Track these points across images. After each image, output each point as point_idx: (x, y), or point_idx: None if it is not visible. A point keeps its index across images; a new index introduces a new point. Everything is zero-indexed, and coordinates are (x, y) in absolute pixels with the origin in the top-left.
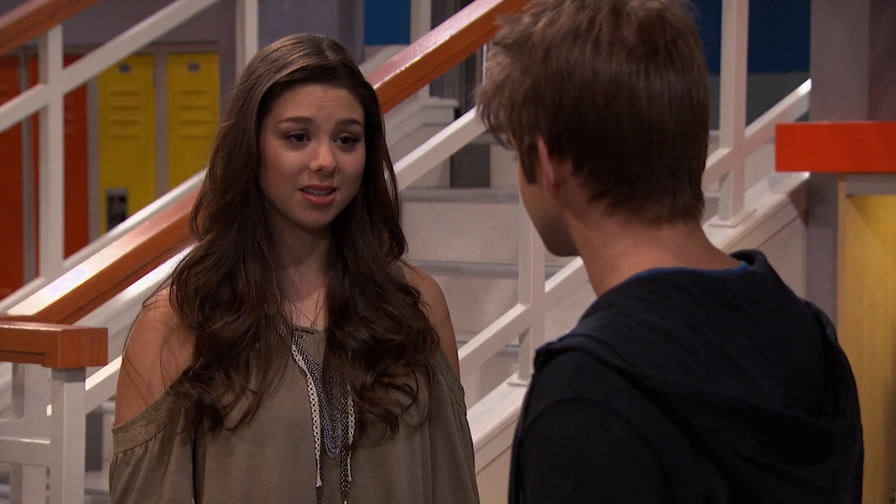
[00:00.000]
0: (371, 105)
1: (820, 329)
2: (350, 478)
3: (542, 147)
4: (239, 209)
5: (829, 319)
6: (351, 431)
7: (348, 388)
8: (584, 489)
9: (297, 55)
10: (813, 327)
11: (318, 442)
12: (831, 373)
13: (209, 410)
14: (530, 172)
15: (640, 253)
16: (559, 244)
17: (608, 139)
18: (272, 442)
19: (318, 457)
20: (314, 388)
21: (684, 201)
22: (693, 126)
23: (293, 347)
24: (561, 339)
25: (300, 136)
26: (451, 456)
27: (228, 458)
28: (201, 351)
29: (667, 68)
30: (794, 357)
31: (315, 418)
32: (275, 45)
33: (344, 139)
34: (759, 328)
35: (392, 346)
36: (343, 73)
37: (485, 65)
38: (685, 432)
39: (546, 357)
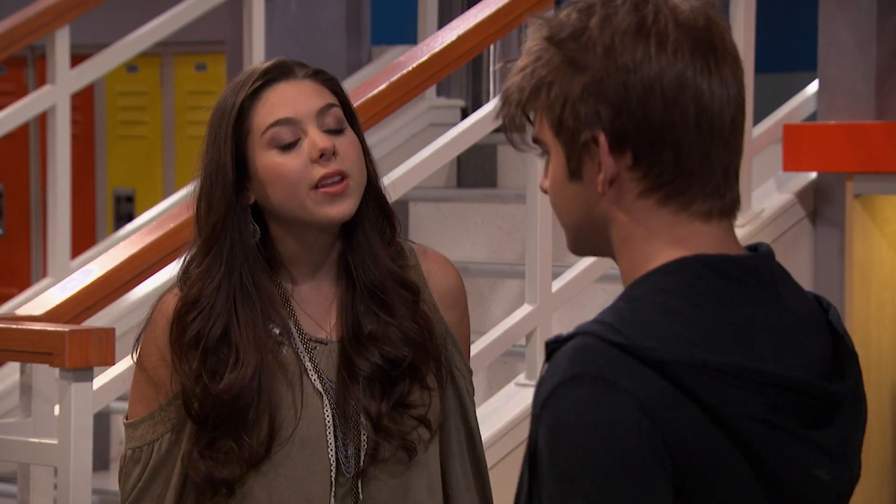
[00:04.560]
0: (339, 91)
1: (822, 311)
2: (361, 497)
3: (602, 141)
4: (227, 250)
5: (831, 303)
6: (362, 454)
7: (361, 417)
8: (589, 456)
9: (255, 68)
10: (815, 307)
11: (334, 462)
12: (837, 348)
13: (222, 483)
14: (576, 169)
15: (681, 251)
16: (587, 243)
17: (675, 131)
18: (286, 461)
19: (333, 477)
20: (329, 409)
21: (731, 199)
22: (741, 124)
23: (308, 365)
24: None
25: (291, 144)
26: (465, 445)
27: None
28: (206, 416)
29: (723, 66)
30: (803, 334)
31: (330, 440)
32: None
33: (329, 128)
34: (770, 306)
35: (404, 368)
36: (300, 67)
37: (517, 63)
38: (697, 403)
39: (554, 346)
